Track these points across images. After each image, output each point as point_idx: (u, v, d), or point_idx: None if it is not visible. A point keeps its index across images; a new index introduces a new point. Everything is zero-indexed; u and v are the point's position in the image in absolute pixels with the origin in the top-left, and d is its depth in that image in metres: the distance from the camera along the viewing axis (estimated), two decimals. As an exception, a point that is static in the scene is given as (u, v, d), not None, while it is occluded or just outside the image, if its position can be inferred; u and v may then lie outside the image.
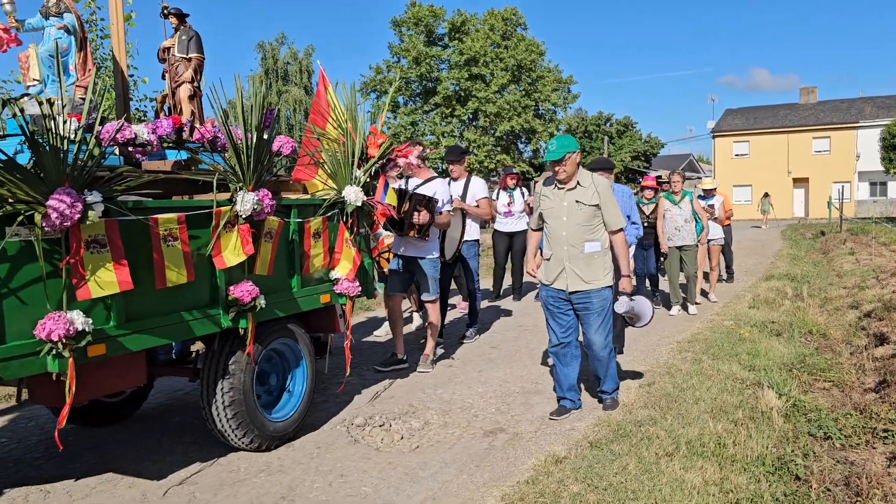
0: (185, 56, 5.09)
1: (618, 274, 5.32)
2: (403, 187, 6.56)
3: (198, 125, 4.75)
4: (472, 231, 7.86)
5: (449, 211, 6.73)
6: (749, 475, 4.05)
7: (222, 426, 4.41)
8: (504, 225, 10.66)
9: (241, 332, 4.33)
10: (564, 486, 3.97)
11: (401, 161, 5.54)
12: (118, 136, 3.97)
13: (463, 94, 41.13)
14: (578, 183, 5.14)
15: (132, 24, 11.39)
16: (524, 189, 10.79)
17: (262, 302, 4.35)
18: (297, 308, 4.78)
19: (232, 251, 4.19)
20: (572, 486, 3.96)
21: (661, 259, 10.45)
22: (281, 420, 4.75)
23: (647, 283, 10.45)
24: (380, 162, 5.38)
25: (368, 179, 5.37)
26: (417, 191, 6.57)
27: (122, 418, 5.34)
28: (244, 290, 4.24)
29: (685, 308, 9.86)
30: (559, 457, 4.46)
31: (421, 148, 5.80)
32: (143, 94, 12.28)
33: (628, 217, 7.11)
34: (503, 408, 5.64)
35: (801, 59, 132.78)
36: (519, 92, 41.49)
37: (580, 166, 5.21)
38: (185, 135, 4.59)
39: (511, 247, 10.63)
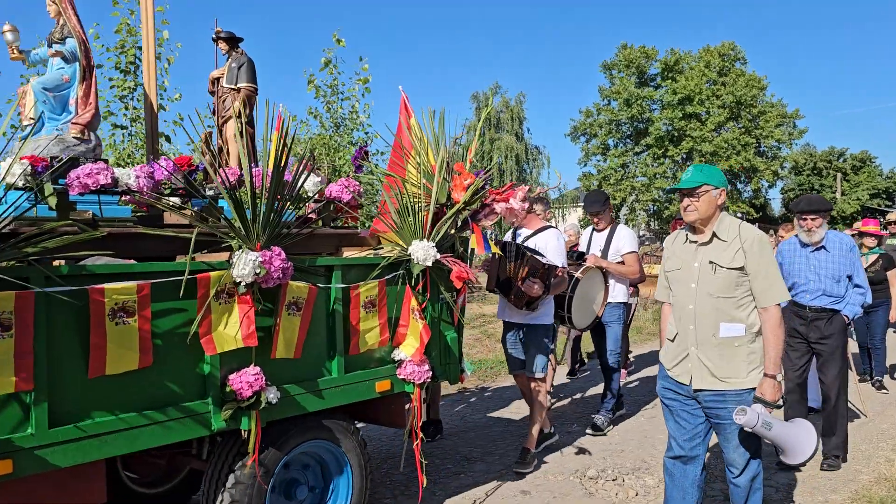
0: (233, 87, 4.13)
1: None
2: (510, 240, 5.14)
3: (230, 168, 3.69)
4: (618, 292, 6.10)
5: (563, 267, 5.19)
6: None
7: (224, 556, 3.26)
8: None
9: (245, 434, 3.18)
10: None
11: (498, 207, 4.15)
12: (89, 181, 3.02)
13: (676, 134, 38.41)
14: (716, 235, 3.40)
15: None
16: None
17: (271, 396, 3.17)
18: (337, 400, 3.54)
19: (228, 331, 3.07)
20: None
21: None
22: (311, 548, 3.51)
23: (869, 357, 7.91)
24: (468, 209, 4.05)
25: (453, 231, 4.06)
26: (528, 245, 5.11)
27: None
28: (244, 381, 3.09)
29: None
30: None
31: (526, 189, 4.35)
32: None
33: (849, 278, 5.04)
34: (744, 469, 5.01)
35: None
36: (738, 129, 37.98)
37: (723, 211, 3.46)
38: (199, 179, 3.58)
39: None
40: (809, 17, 67.68)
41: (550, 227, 5.44)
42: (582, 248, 6.34)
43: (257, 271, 3.05)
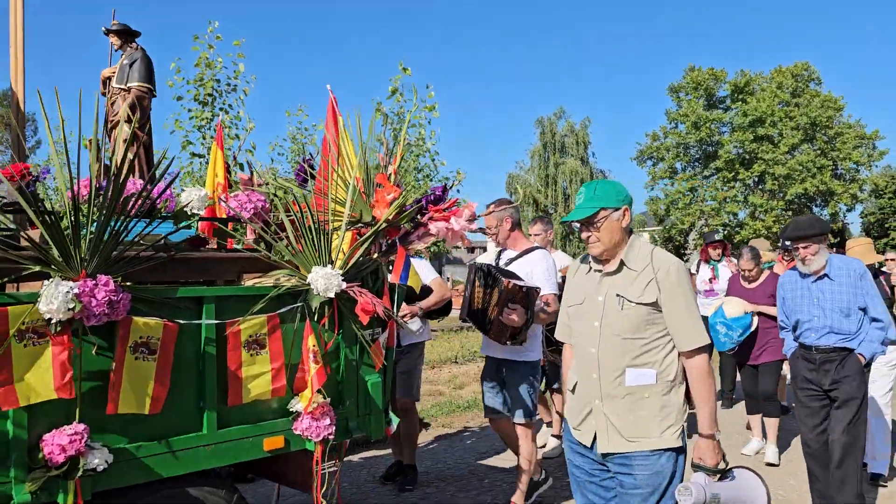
0: (122, 87, 3.50)
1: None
2: (489, 263, 4.33)
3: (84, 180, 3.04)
4: None
5: (556, 295, 4.32)
6: None
7: None
8: (707, 307, 7.17)
9: (63, 509, 2.49)
10: None
11: (434, 227, 3.36)
12: None
13: (747, 157, 36.44)
14: (624, 263, 2.63)
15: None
16: (734, 260, 7.71)
17: (95, 461, 2.48)
18: (206, 462, 2.81)
19: (37, 380, 2.40)
20: None
21: None
22: None
23: None
24: (392, 230, 3.29)
25: (376, 255, 3.31)
26: (510, 269, 4.30)
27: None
28: (56, 444, 2.41)
29: None
30: None
31: (474, 207, 3.54)
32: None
33: (863, 311, 4.05)
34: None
35: None
36: (813, 151, 35.70)
37: (632, 233, 2.67)
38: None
39: None
40: (888, 33, 63.45)
41: (538, 247, 4.64)
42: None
43: (70, 305, 2.37)
